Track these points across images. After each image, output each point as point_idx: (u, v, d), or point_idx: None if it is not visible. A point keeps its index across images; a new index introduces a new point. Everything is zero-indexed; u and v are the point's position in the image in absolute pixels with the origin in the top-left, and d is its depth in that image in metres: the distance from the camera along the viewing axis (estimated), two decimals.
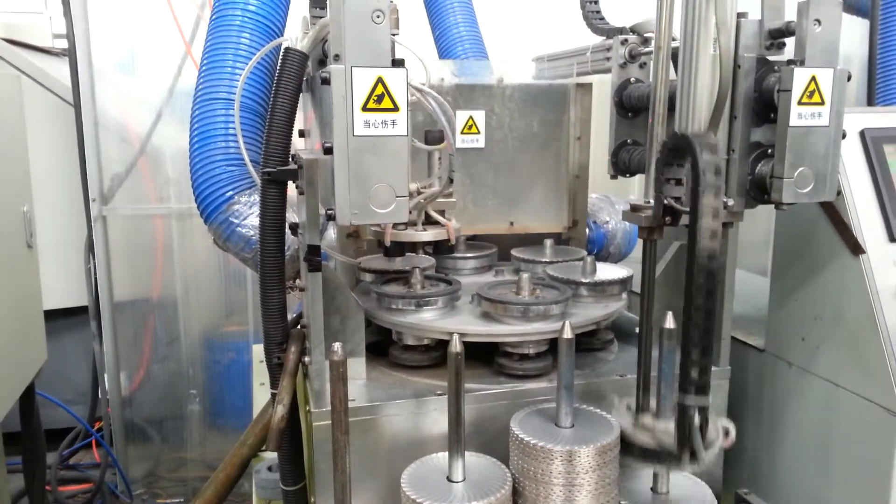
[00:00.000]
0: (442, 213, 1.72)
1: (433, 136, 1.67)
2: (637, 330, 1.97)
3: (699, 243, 1.27)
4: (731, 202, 1.48)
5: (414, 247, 1.71)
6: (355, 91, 1.26)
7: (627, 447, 1.49)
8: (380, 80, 1.26)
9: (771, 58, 1.45)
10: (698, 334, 1.30)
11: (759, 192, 1.48)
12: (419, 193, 1.65)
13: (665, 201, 1.45)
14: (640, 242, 2.13)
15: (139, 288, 4.04)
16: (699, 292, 1.29)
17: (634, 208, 1.55)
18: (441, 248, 1.74)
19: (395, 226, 1.63)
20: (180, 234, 3.98)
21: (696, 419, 1.34)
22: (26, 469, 3.21)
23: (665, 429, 1.44)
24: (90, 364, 4.16)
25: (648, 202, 1.51)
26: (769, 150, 1.46)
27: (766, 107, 1.45)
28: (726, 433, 1.43)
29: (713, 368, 1.76)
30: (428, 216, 1.70)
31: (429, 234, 1.68)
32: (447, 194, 1.68)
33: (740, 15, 1.43)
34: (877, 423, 1.54)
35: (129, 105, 3.85)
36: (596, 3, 2.04)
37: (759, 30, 1.45)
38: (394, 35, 1.43)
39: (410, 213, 1.53)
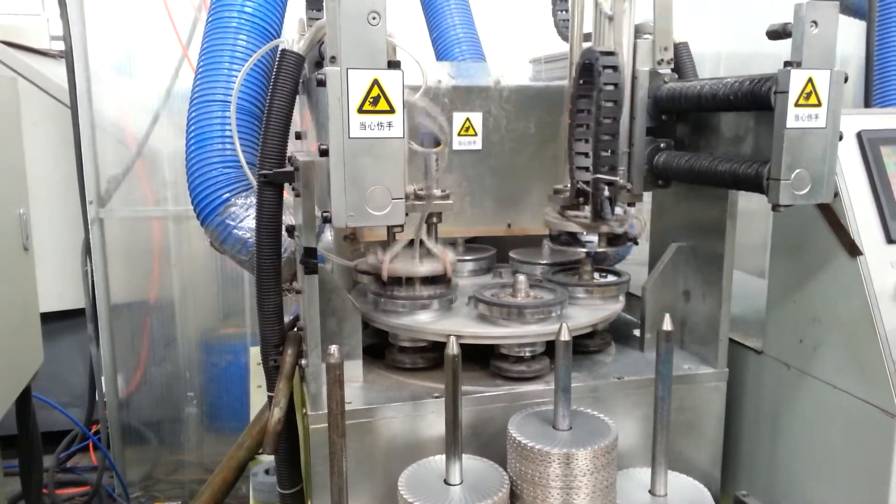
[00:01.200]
0: (439, 220, 1.73)
1: (430, 140, 1.67)
2: (636, 332, 1.97)
3: (602, 87, 1.64)
4: (629, 186, 1.79)
5: (411, 280, 1.72)
6: (351, 93, 1.26)
7: (555, 238, 1.90)
8: (375, 82, 1.26)
9: (661, 71, 1.77)
10: (609, 123, 1.66)
11: (654, 178, 1.79)
12: (417, 196, 1.65)
13: (578, 185, 1.78)
14: (639, 246, 2.14)
15: (136, 290, 4.04)
16: (606, 109, 1.65)
17: (556, 191, 1.90)
18: (438, 282, 1.76)
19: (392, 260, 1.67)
20: (177, 236, 3.97)
21: (606, 192, 1.68)
22: (23, 472, 3.19)
23: (586, 215, 1.78)
24: (87, 367, 4.15)
25: (566, 186, 1.86)
26: (661, 144, 1.77)
27: (658, 110, 1.77)
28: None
29: (710, 370, 1.78)
30: (423, 246, 1.72)
31: (426, 268, 1.70)
32: (444, 196, 1.68)
33: (637, 36, 1.77)
34: (875, 425, 1.53)
35: (125, 107, 3.84)
36: (566, 11, 2.23)
37: (652, 49, 1.77)
38: (393, 40, 1.44)
39: (407, 215, 1.53)
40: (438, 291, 1.74)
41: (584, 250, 1.89)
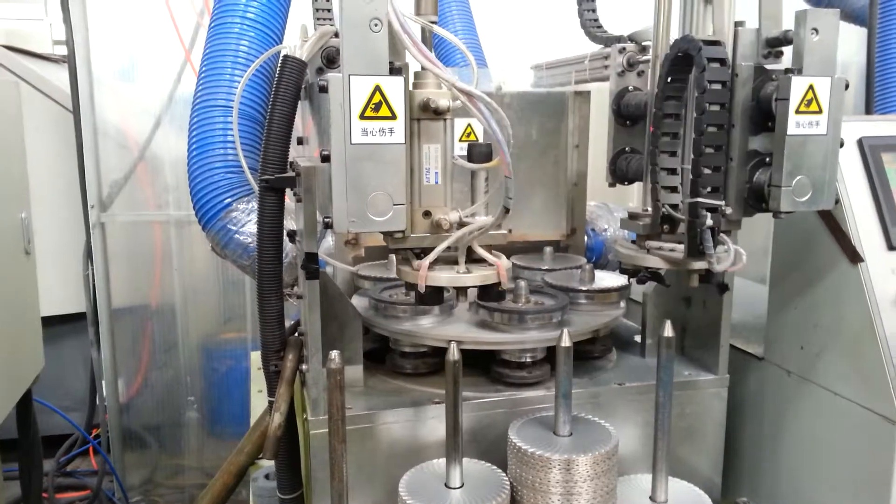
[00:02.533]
0: (489, 248, 1.44)
1: (480, 152, 1.39)
2: (637, 338, 1.97)
3: (707, 87, 1.30)
4: (728, 210, 1.46)
5: (456, 292, 1.48)
6: (353, 99, 1.26)
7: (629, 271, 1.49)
8: (377, 89, 1.26)
9: (768, 66, 1.44)
10: (714, 132, 1.32)
11: (756, 200, 1.46)
12: (461, 225, 1.38)
13: (663, 209, 1.44)
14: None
15: (137, 294, 4.04)
16: (711, 114, 1.34)
17: (633, 216, 1.54)
18: (491, 294, 1.45)
19: (431, 265, 1.38)
20: (179, 240, 3.98)
21: (708, 220, 1.30)
22: (23, 476, 3.20)
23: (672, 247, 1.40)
24: (88, 371, 4.16)
25: (647, 210, 1.50)
26: (766, 159, 1.45)
27: (763, 115, 1.44)
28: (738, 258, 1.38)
29: (711, 376, 1.77)
30: (471, 252, 1.42)
31: (474, 278, 1.40)
32: (498, 226, 1.41)
33: (738, 24, 1.43)
34: (876, 431, 1.53)
35: (128, 112, 3.86)
36: (594, 11, 2.05)
37: (757, 38, 1.44)
38: (432, 23, 1.38)
39: (455, 249, 1.38)
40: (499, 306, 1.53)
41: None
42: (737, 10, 1.41)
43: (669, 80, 1.43)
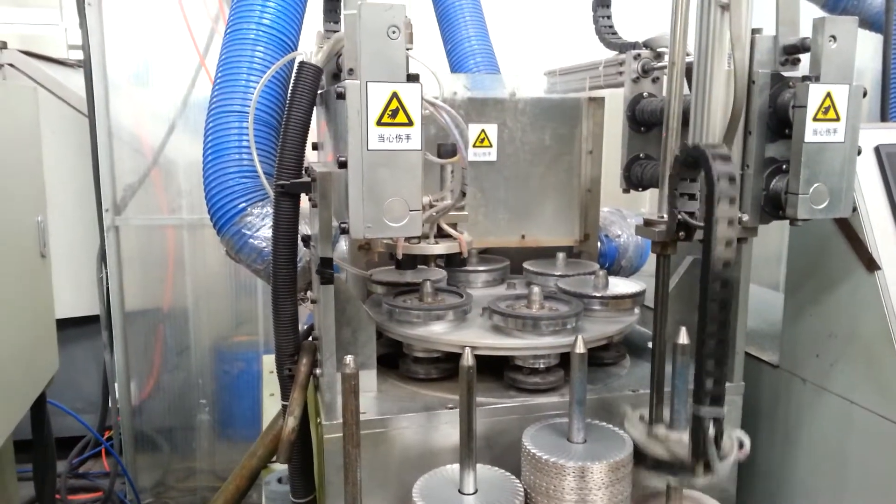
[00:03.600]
0: (454, 226, 1.73)
1: (446, 150, 1.68)
2: (650, 344, 1.96)
3: (714, 251, 1.26)
4: (745, 217, 1.47)
5: (426, 260, 1.71)
6: (370, 106, 1.27)
7: (640, 458, 1.47)
8: (394, 95, 1.27)
9: (786, 73, 1.45)
10: (713, 344, 1.31)
11: (773, 207, 1.47)
12: (431, 206, 1.66)
13: (679, 216, 1.44)
14: (652, 256, 2.13)
15: (150, 297, 4.07)
16: (714, 303, 1.29)
17: (648, 223, 1.54)
18: (453, 261, 1.74)
19: (407, 239, 1.65)
20: (192, 244, 4.00)
21: (711, 430, 1.33)
22: (36, 477, 3.21)
23: (679, 440, 1.43)
24: (101, 373, 4.18)
25: (662, 217, 1.50)
26: (784, 166, 1.45)
27: (780, 122, 1.45)
28: (741, 445, 1.42)
29: (727, 384, 1.76)
30: (440, 229, 1.71)
31: (441, 248, 1.69)
32: (459, 207, 1.69)
33: (755, 31, 1.43)
34: (892, 440, 1.52)
35: (142, 116, 3.89)
36: (609, 17, 2.04)
37: (774, 46, 1.44)
38: (408, 49, 1.45)
39: (423, 225, 1.53)
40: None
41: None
42: (756, 16, 1.41)
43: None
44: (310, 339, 1.76)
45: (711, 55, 1.40)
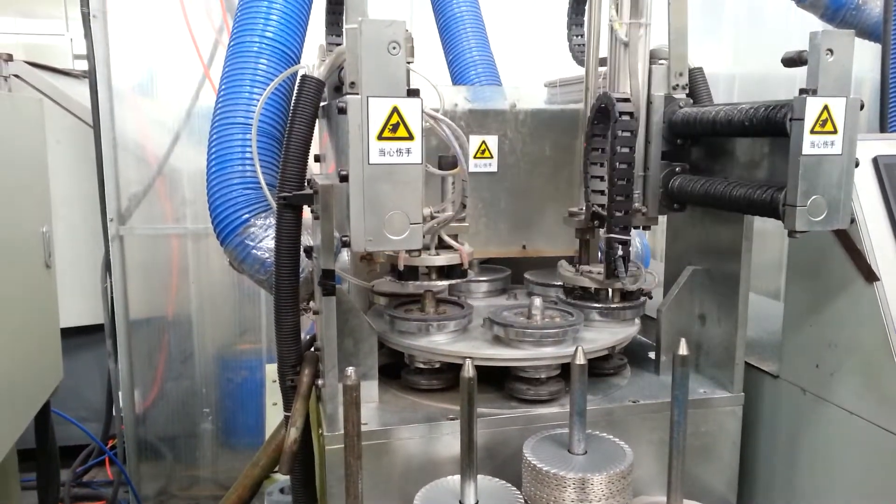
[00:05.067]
0: (455, 237, 1.74)
1: (446, 162, 1.69)
2: (651, 355, 1.97)
3: (618, 125, 1.64)
4: (644, 209, 1.81)
5: (427, 270, 1.72)
6: (371, 120, 1.28)
7: (569, 291, 1.91)
8: (395, 110, 1.29)
9: (675, 96, 1.79)
10: (623, 182, 1.66)
11: (669, 201, 1.81)
12: (432, 218, 1.67)
13: (593, 208, 1.80)
14: (650, 264, 2.15)
15: (154, 306, 4.08)
16: (620, 154, 1.65)
17: (571, 214, 1.93)
18: (454, 272, 1.76)
19: (408, 250, 1.64)
20: (196, 253, 4.02)
21: (620, 251, 1.69)
22: (40, 486, 3.23)
23: (599, 271, 1.82)
24: (105, 382, 4.20)
25: (581, 209, 1.87)
26: (676, 168, 1.79)
27: (673, 134, 1.79)
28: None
29: (726, 394, 1.77)
30: (441, 240, 1.72)
31: (442, 259, 1.70)
32: (460, 219, 1.70)
33: (653, 61, 1.79)
34: (892, 451, 1.52)
35: (147, 126, 3.91)
36: (582, 36, 2.23)
37: (667, 74, 1.79)
38: (409, 63, 1.47)
39: (424, 237, 1.55)
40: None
41: (598, 306, 1.87)
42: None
43: (595, 122, 1.78)
44: (312, 349, 1.77)
45: (618, 81, 1.81)
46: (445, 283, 1.82)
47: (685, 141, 1.80)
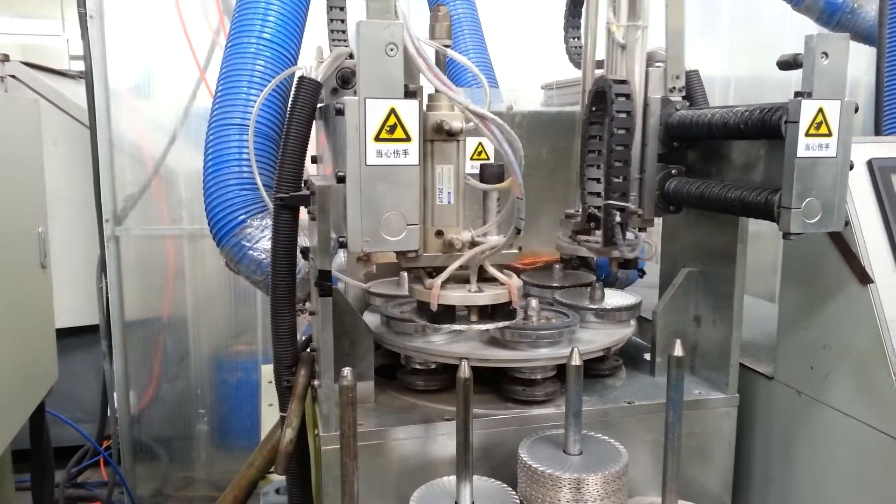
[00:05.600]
0: (500, 268, 1.47)
1: (491, 172, 1.44)
2: (647, 356, 1.98)
3: (615, 115, 1.64)
4: (640, 211, 1.79)
5: (467, 311, 1.45)
6: (368, 121, 1.29)
7: (567, 261, 1.96)
8: (392, 111, 1.29)
9: (672, 98, 1.78)
10: (620, 150, 1.65)
11: (665, 203, 1.81)
12: (473, 245, 1.41)
13: (589, 210, 1.79)
14: (646, 267, 2.16)
15: (150, 307, 4.08)
16: (618, 119, 1.64)
17: (568, 216, 1.90)
18: (500, 312, 1.47)
19: (444, 284, 1.40)
20: (192, 254, 4.02)
21: (617, 218, 1.67)
22: (35, 487, 3.22)
23: (596, 240, 1.79)
24: (100, 382, 4.19)
25: (578, 211, 1.86)
26: (672, 171, 1.79)
27: (669, 137, 1.78)
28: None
29: (721, 396, 1.78)
30: (483, 271, 1.45)
31: (486, 297, 1.41)
32: (510, 245, 1.43)
33: (649, 65, 1.76)
34: (887, 453, 1.53)
35: (143, 127, 3.91)
36: (579, 38, 2.21)
37: (664, 77, 1.78)
38: (446, 46, 1.45)
39: (466, 268, 1.41)
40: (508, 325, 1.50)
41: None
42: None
43: (593, 109, 1.76)
44: (308, 350, 1.77)
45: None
46: (490, 325, 1.48)
47: (681, 143, 1.80)
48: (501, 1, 3.78)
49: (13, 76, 4.20)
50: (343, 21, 1.98)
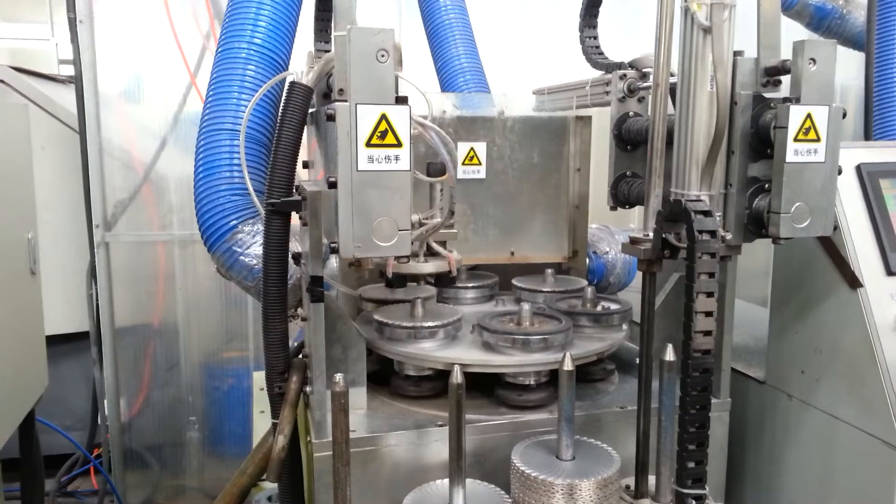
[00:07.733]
0: (443, 244, 1.74)
1: (435, 168, 1.68)
2: (637, 360, 1.98)
3: (693, 344, 1.34)
4: (728, 236, 1.49)
5: (416, 278, 1.72)
6: (359, 127, 1.29)
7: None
8: (383, 117, 1.29)
9: (767, 95, 1.47)
10: (695, 428, 1.37)
11: (756, 225, 1.49)
12: (421, 225, 1.67)
13: (664, 235, 1.46)
14: (640, 273, 2.15)
15: (140, 314, 4.04)
16: (694, 397, 1.37)
17: (634, 241, 1.54)
18: (442, 279, 1.76)
19: (397, 258, 1.65)
20: (182, 260, 3.99)
21: None
22: (24, 496, 3.18)
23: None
24: (90, 390, 4.15)
25: (647, 235, 1.51)
26: (766, 185, 1.48)
27: (762, 142, 1.47)
28: None
29: (713, 400, 1.77)
30: (429, 248, 1.72)
31: (430, 266, 1.71)
32: (448, 226, 1.70)
33: (737, 53, 1.46)
34: (876, 456, 1.54)
35: (133, 132, 3.88)
36: (595, 38, 2.08)
37: (756, 68, 1.47)
38: (397, 73, 1.47)
39: (412, 244, 1.54)
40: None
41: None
42: (739, 38, 1.45)
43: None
44: (300, 356, 1.76)
45: (694, 77, 1.44)
46: (434, 290, 1.79)
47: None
48: (493, 6, 3.78)
49: (2, 81, 4.15)
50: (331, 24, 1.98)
